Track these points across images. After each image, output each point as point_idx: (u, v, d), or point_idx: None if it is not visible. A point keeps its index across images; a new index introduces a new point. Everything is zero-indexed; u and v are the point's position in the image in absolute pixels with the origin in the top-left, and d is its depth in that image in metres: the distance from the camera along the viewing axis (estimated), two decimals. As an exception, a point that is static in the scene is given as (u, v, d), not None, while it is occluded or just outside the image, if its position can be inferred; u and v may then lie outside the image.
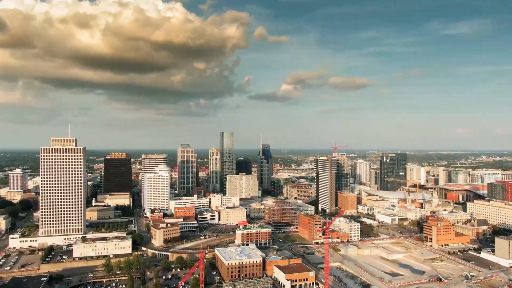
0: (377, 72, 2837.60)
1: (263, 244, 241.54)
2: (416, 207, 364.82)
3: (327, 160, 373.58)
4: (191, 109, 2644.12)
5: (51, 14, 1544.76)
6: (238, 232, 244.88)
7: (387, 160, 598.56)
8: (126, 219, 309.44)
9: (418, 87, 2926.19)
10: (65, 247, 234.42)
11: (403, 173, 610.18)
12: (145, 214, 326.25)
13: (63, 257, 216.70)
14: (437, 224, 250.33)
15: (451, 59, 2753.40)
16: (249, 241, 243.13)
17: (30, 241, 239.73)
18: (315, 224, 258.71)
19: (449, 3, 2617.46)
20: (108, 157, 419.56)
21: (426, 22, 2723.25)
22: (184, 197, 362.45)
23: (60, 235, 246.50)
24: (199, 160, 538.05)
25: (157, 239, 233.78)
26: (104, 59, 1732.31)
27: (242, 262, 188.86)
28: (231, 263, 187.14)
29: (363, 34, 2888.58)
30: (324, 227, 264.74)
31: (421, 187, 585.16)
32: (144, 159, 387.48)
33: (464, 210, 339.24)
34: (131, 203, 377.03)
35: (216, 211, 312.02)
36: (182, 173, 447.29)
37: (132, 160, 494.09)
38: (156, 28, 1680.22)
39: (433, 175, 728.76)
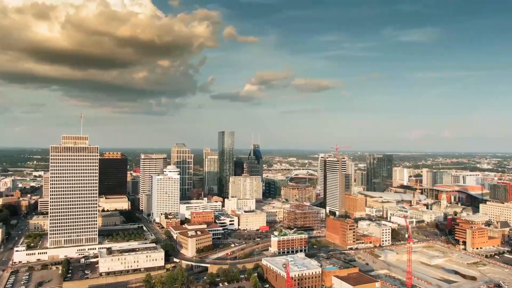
0: (337, 75, 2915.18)
1: (298, 251, 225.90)
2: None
3: (337, 161, 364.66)
4: (151, 107, 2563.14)
5: (5, 3, 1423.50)
6: (274, 239, 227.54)
7: (374, 162, 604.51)
8: (136, 225, 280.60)
9: (376, 90, 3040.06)
10: (83, 260, 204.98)
11: (386, 174, 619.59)
12: (154, 219, 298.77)
13: (86, 272, 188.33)
14: (471, 227, 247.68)
15: (405, 64, 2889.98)
16: (285, 249, 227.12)
17: (38, 253, 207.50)
18: (349, 229, 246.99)
19: (401, 11, 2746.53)
20: (100, 157, 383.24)
21: (381, 28, 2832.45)
22: (192, 201, 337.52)
23: (73, 246, 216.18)
24: (167, 160, 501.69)
25: (189, 248, 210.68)
26: (62, 53, 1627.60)
27: (302, 274, 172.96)
28: (291, 276, 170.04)
29: (322, 38, 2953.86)
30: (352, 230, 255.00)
31: (409, 188, 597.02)
32: (144, 159, 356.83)
33: (476, 211, 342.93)
34: (129, 207, 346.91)
35: (235, 215, 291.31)
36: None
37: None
38: (122, 23, 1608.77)
39: (410, 176, 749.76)
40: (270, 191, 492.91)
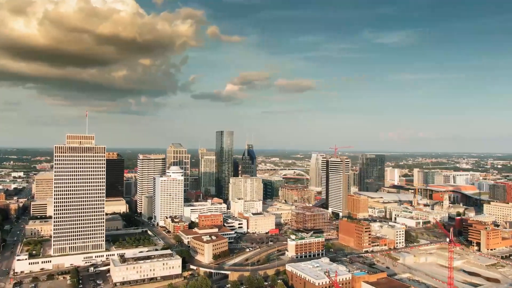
0: (319, 76, 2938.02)
1: (316, 255, 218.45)
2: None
3: (341, 161, 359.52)
4: (130, 107, 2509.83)
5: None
6: (291, 243, 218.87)
7: (367, 162, 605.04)
8: (139, 229, 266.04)
9: (357, 91, 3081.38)
10: (91, 268, 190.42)
11: (377, 174, 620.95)
12: (158, 223, 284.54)
13: (97, 282, 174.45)
14: (486, 228, 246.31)
15: (384, 66, 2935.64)
16: (303, 253, 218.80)
17: (42, 262, 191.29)
18: (365, 231, 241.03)
19: (378, 14, 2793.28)
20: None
21: (360, 30, 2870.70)
22: (196, 203, 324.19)
23: (79, 254, 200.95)
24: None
25: (206, 255, 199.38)
26: (39, 50, 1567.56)
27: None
28: (323, 283, 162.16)
29: (304, 39, 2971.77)
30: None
31: (401, 187, 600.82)
32: (142, 159, 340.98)
33: (477, 211, 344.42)
34: (127, 210, 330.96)
35: (243, 218, 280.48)
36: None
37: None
38: (103, 20, 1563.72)
39: (398, 176, 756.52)
40: (267, 192, 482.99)
